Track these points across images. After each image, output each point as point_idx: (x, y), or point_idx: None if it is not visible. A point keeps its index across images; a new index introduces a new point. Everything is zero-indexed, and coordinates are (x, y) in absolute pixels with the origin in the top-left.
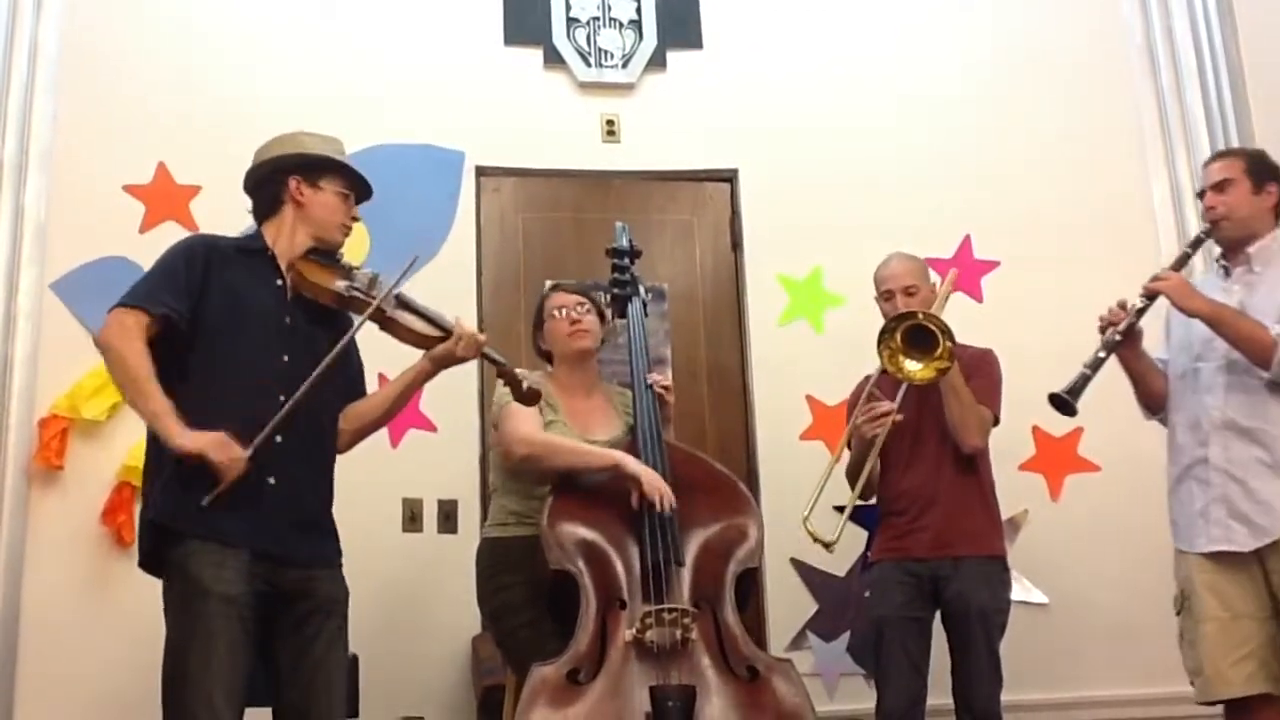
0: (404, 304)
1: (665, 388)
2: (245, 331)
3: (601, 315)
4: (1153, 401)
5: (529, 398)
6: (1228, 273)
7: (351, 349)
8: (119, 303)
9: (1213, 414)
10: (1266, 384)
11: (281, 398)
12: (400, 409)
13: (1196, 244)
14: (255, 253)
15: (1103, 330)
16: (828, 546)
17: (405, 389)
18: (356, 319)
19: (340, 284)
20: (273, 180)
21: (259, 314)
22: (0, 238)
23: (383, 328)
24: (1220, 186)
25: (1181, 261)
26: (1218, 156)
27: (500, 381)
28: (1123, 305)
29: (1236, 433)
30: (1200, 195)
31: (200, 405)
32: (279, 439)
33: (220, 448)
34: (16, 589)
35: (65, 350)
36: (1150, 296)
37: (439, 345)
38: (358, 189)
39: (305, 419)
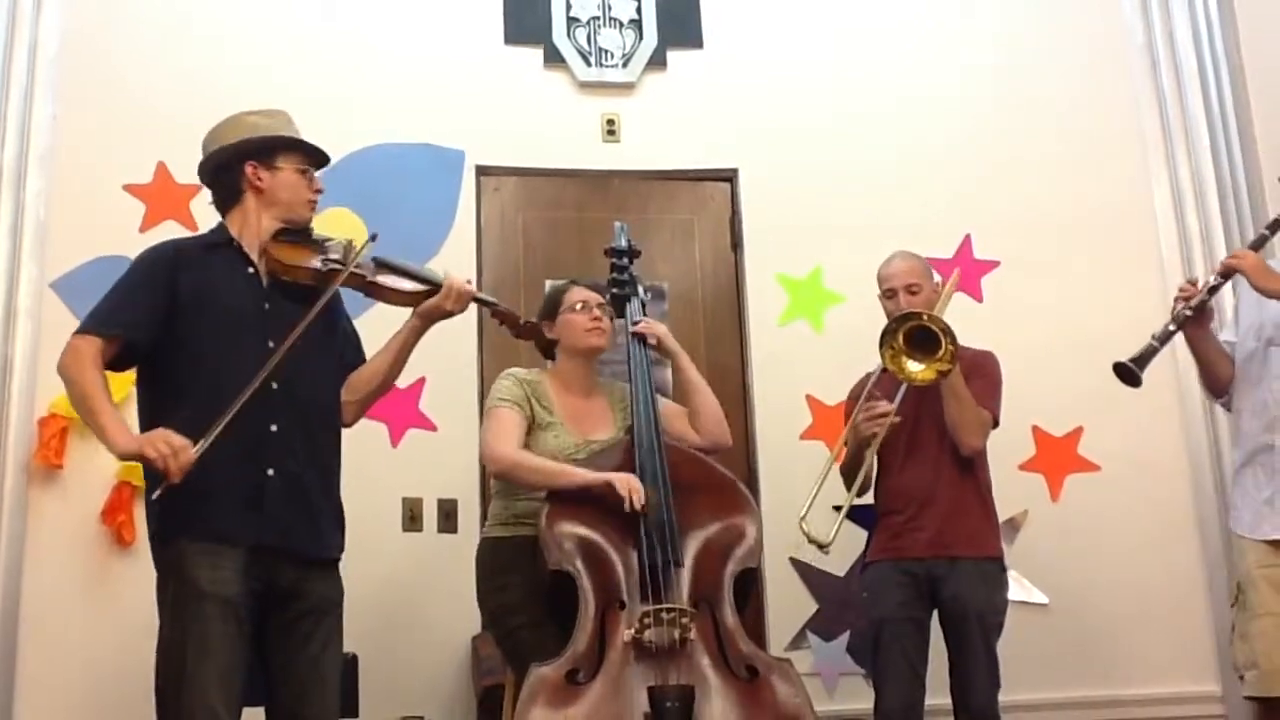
0: (385, 266)
1: (646, 333)
2: (223, 327)
3: (612, 320)
4: (1218, 385)
5: (527, 332)
6: None
7: (341, 319)
8: (77, 330)
9: None
10: None
11: (274, 385)
12: (399, 371)
13: (1275, 226)
14: (222, 245)
15: (1175, 306)
16: (823, 548)
17: (400, 349)
18: (349, 282)
19: (315, 260)
20: (228, 169)
21: (235, 307)
22: (0, 237)
23: (366, 293)
24: None
25: (1260, 242)
26: None
27: (497, 323)
28: (1193, 282)
29: None
30: None
31: (196, 410)
32: (274, 428)
33: (151, 444)
34: (16, 588)
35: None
36: (1225, 275)
37: (428, 302)
38: (315, 159)
39: (298, 405)
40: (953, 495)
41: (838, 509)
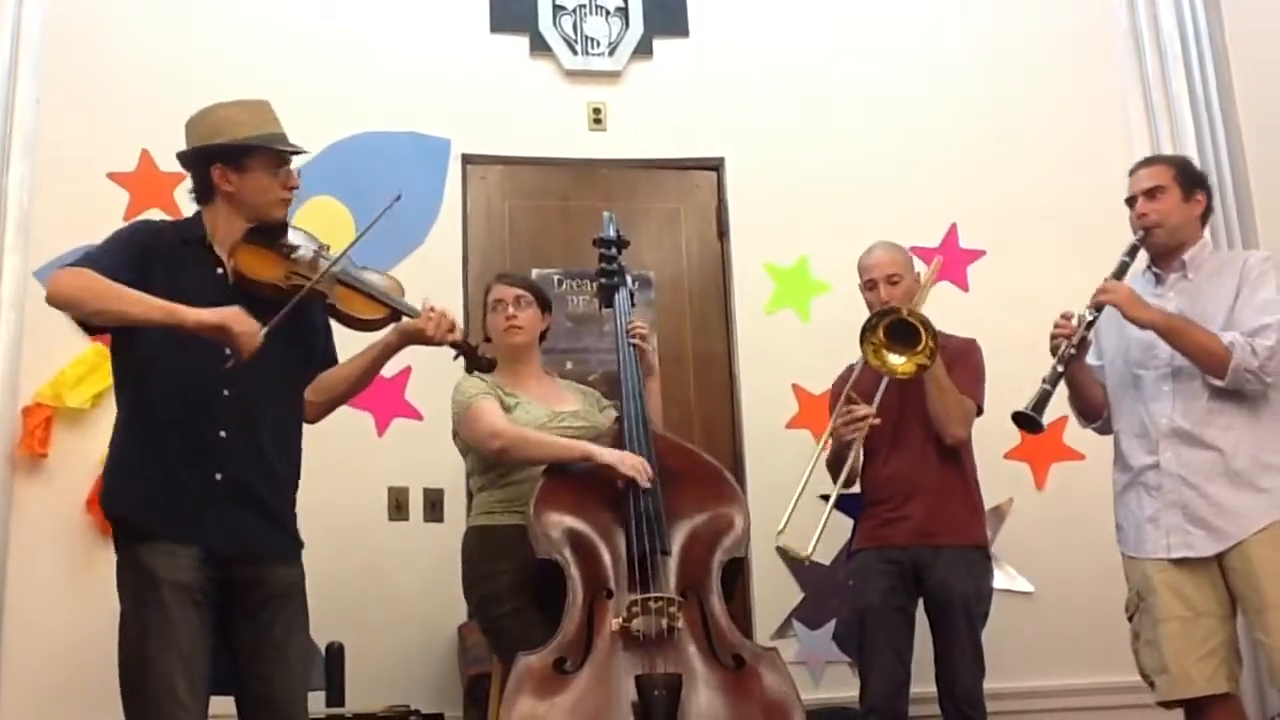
0: (352, 285)
1: (642, 336)
2: None
3: (545, 307)
4: (1090, 410)
5: (486, 365)
6: (1159, 279)
7: (309, 319)
8: (64, 266)
9: (1160, 422)
10: (1212, 391)
11: (225, 393)
12: (367, 383)
13: (1133, 251)
14: (194, 242)
15: (1054, 344)
16: (802, 561)
17: (370, 363)
18: (306, 297)
19: (279, 274)
20: (197, 168)
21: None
22: None
23: (327, 314)
24: (1151, 194)
25: (1121, 270)
26: (1146, 163)
27: (454, 355)
28: (1067, 317)
29: (1186, 440)
30: (1130, 202)
31: (147, 405)
32: (223, 434)
33: (239, 319)
34: (0, 577)
35: (49, 338)
36: (1098, 308)
37: (410, 322)
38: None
39: (250, 411)
40: (938, 484)
41: (824, 498)
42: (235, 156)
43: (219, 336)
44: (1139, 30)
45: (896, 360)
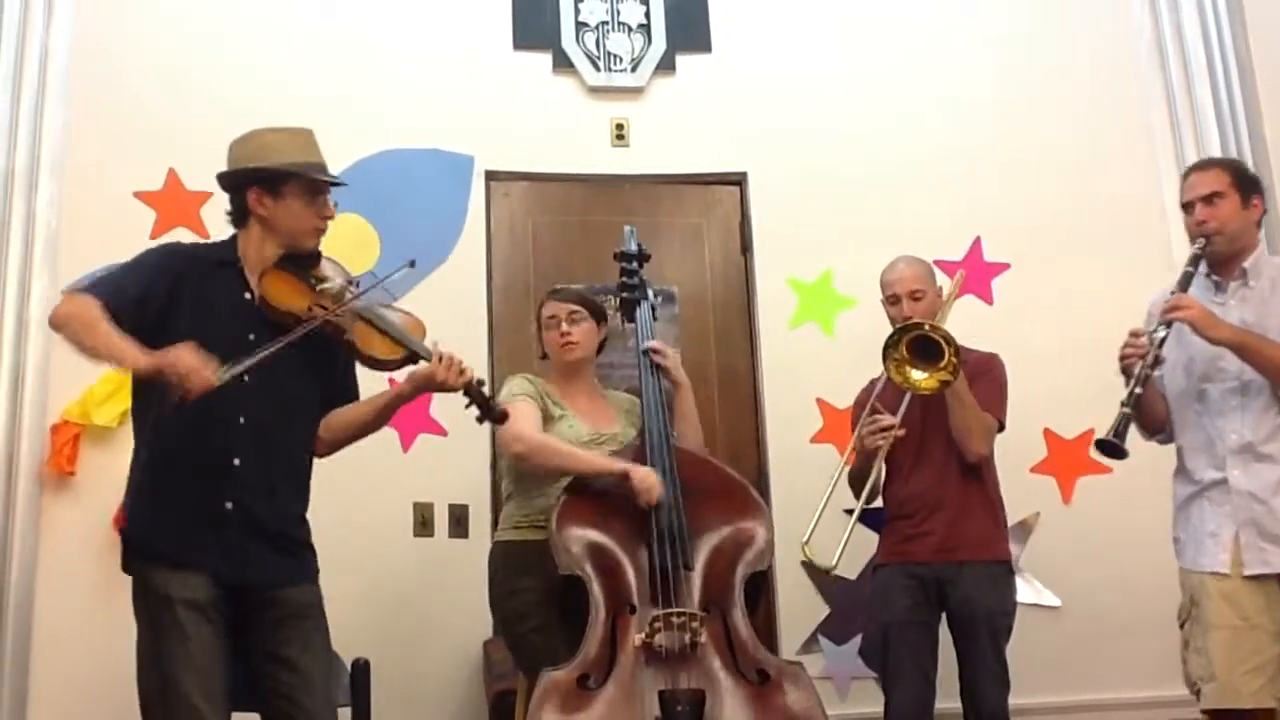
0: (370, 322)
1: (659, 352)
2: (206, 349)
3: (599, 319)
4: (1155, 424)
5: (498, 416)
6: (1219, 287)
7: (333, 353)
8: (71, 289)
9: (1229, 438)
10: None
11: (242, 420)
12: (377, 428)
13: (1195, 261)
14: (228, 265)
15: (1124, 364)
16: (827, 573)
17: (383, 409)
18: (325, 331)
19: (303, 305)
20: (235, 191)
21: (222, 331)
22: (12, 245)
23: (345, 349)
24: (1210, 199)
25: (1186, 281)
26: (1202, 167)
27: (466, 403)
28: (1137, 334)
29: (1256, 456)
30: (1187, 208)
31: (163, 428)
32: (237, 461)
33: (178, 360)
34: (29, 594)
35: (77, 357)
36: (1169, 325)
37: (421, 369)
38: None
39: (265, 440)
40: (960, 500)
41: (849, 512)
42: (272, 181)
43: (157, 380)
44: (1163, 40)
45: (919, 376)
